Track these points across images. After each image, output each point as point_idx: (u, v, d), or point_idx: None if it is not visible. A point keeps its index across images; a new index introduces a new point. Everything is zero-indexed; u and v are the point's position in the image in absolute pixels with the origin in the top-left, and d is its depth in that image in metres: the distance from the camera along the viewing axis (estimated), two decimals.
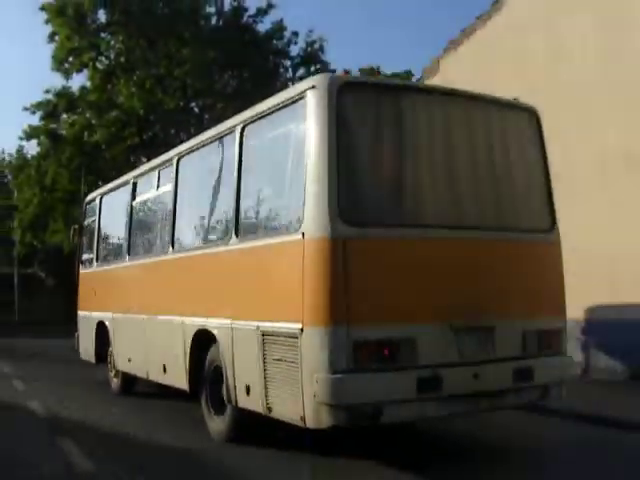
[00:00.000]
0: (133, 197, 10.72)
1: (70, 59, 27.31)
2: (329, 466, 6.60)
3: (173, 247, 8.72)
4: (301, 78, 28.76)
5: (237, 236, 6.98)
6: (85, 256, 13.35)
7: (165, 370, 8.84)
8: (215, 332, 7.31)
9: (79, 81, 56.02)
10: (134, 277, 10.43)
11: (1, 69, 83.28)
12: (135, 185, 10.77)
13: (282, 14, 51.81)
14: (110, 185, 12.75)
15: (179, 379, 8.29)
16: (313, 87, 6.03)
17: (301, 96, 6.22)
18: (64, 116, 29.42)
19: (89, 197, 13.89)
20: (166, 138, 28.75)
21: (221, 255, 7.38)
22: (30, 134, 29.63)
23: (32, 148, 38.10)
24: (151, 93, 27.04)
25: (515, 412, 8.01)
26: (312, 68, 28.67)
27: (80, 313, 13.31)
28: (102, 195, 12.83)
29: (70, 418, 9.31)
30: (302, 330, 5.68)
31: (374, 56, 79.80)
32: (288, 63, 28.63)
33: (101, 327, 11.72)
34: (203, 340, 7.61)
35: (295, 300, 5.78)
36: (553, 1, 12.57)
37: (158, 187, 9.61)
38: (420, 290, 5.98)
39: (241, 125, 7.46)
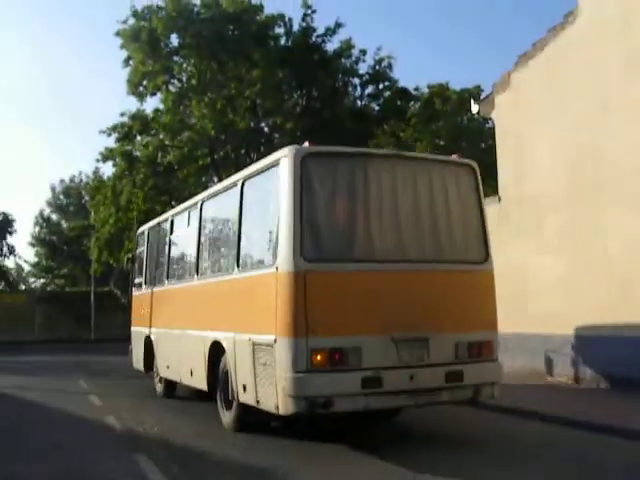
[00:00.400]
0: (171, 231, 12.75)
1: (144, 82, 28.04)
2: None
3: (198, 275, 10.70)
4: (369, 96, 28.85)
5: (238, 268, 8.94)
6: (136, 280, 15.43)
7: (192, 374, 10.72)
8: (224, 343, 9.16)
9: (153, 104, 57.63)
10: (171, 298, 12.52)
11: (80, 94, 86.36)
12: (172, 222, 12.77)
13: (350, 32, 52.20)
14: (155, 220, 14.77)
15: (201, 382, 10.22)
16: (285, 156, 7.95)
17: (277, 162, 8.13)
18: (138, 138, 30.23)
19: (139, 230, 16.04)
20: (237, 158, 29.20)
21: (227, 282, 9.34)
22: (106, 156, 30.54)
23: (108, 169, 39.09)
24: (222, 114, 27.51)
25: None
26: (380, 86, 28.65)
27: (133, 329, 15.51)
28: (149, 229, 14.88)
29: (145, 433, 9.47)
30: (275, 340, 7.54)
31: (442, 72, 79.35)
32: (356, 81, 28.68)
33: (148, 340, 13.75)
34: (217, 350, 9.44)
35: (271, 317, 7.65)
36: (629, 11, 12.18)
37: (188, 224, 11.61)
38: (366, 310, 7.68)
39: (242, 180, 9.26)
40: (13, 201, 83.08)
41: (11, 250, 44.83)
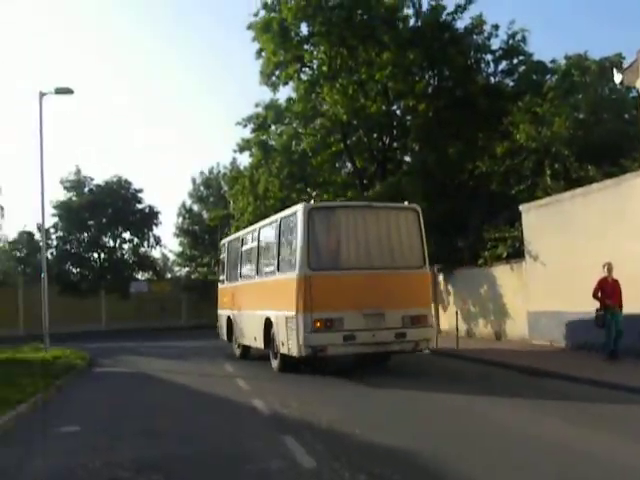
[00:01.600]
0: (242, 245, 19.05)
1: (276, 73, 28.49)
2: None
3: (257, 275, 17.12)
4: (503, 72, 27.94)
5: (279, 271, 15.13)
6: (221, 277, 22.21)
7: (255, 339, 16.92)
8: (272, 318, 15.31)
9: (285, 93, 58.69)
10: (242, 290, 18.92)
11: (217, 88, 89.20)
12: (243, 239, 19.16)
13: (481, 7, 50.79)
14: (232, 236, 21.89)
15: (261, 343, 16.34)
16: (300, 209, 14.16)
17: (296, 211, 14.42)
18: (273, 127, 30.81)
19: (222, 242, 22.85)
20: (370, 142, 29.18)
21: (273, 280, 15.60)
22: (243, 147, 31.34)
23: (245, 160, 40.01)
24: (353, 99, 27.52)
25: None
26: (514, 60, 27.67)
27: (218, 312, 22.02)
28: (228, 242, 21.54)
29: (291, 416, 9.73)
30: (296, 314, 13.58)
31: (580, 41, 75.61)
32: (489, 57, 27.82)
33: (229, 319, 20.26)
34: (268, 322, 15.57)
35: (294, 301, 13.66)
36: None
37: (252, 242, 17.96)
38: (346, 296, 13.61)
39: (279, 219, 15.64)
40: (159, 195, 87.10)
41: (157, 241, 47.03)
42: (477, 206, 24.36)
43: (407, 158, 30.13)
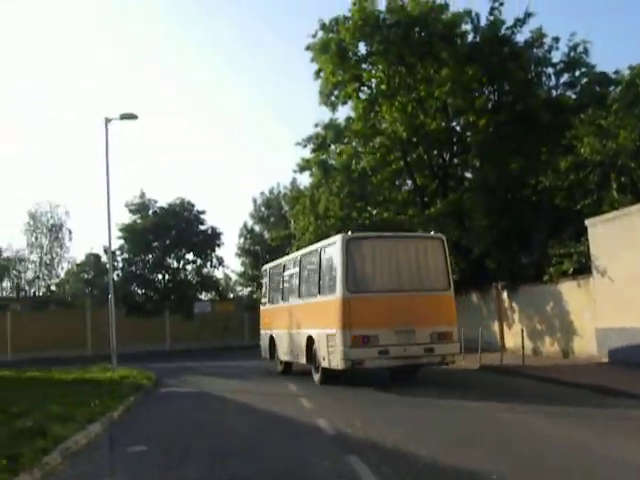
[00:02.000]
0: (283, 271, 20.90)
1: (335, 92, 28.64)
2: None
3: (300, 297, 18.80)
4: (565, 84, 27.50)
5: (320, 294, 16.94)
6: (262, 300, 24.15)
7: (298, 356, 18.57)
8: (314, 336, 16.97)
9: (344, 112, 58.93)
10: (284, 312, 20.26)
11: (279, 109, 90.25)
12: (284, 266, 20.96)
13: (541, 20, 50.18)
14: (273, 263, 23.49)
15: (303, 359, 17.98)
16: (339, 239, 16.00)
17: (335, 242, 16.30)
18: (332, 147, 30.95)
19: (263, 268, 25.21)
20: (430, 159, 29.02)
21: (314, 302, 17.38)
22: (303, 166, 31.58)
23: (305, 180, 40.03)
24: (413, 116, 27.44)
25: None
26: (576, 73, 27.22)
27: (261, 332, 23.64)
28: (269, 268, 23.58)
29: (355, 435, 9.66)
30: (337, 331, 15.35)
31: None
32: (550, 70, 27.42)
33: (271, 338, 21.82)
34: (310, 340, 17.25)
35: (334, 320, 15.50)
36: None
37: (293, 268, 19.75)
38: (380, 316, 15.24)
39: (320, 248, 17.54)
40: (220, 216, 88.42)
41: (220, 261, 47.62)
42: (541, 221, 23.94)
43: (468, 174, 29.85)
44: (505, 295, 24.66)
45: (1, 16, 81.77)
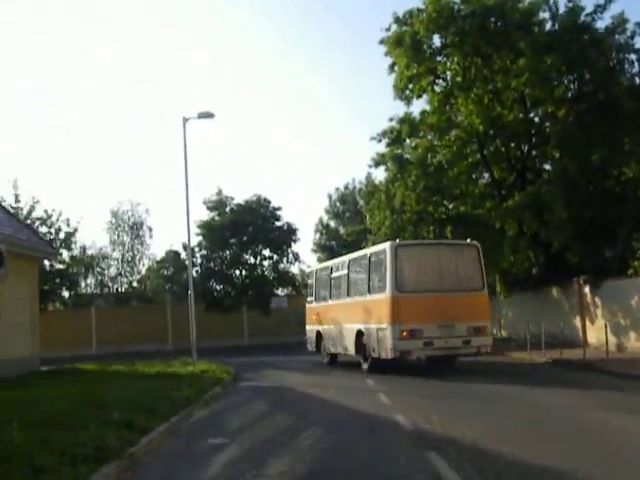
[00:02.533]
0: (331, 273, 23.20)
1: (410, 86, 28.43)
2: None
3: (349, 296, 21.04)
4: None
5: (369, 293, 19.19)
6: (308, 299, 26.32)
7: (347, 349, 20.80)
8: (363, 330, 19.13)
9: (419, 105, 58.43)
10: (332, 309, 22.66)
11: (354, 104, 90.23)
12: (332, 268, 23.39)
13: (623, 5, 48.52)
14: (320, 265, 27.41)
15: (352, 350, 20.18)
16: (388, 246, 18.41)
17: (384, 248, 18.67)
18: (407, 141, 30.71)
19: (310, 270, 28.84)
20: (507, 152, 28.49)
21: (365, 300, 19.43)
22: (378, 161, 31.41)
23: (379, 174, 39.88)
24: (489, 108, 27.01)
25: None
26: None
27: (307, 327, 25.87)
28: (316, 270, 26.36)
29: (434, 431, 9.58)
30: (387, 326, 17.66)
31: None
32: (633, 57, 26.50)
33: (318, 333, 24.03)
34: (360, 333, 19.40)
35: (385, 316, 17.83)
36: None
37: (341, 270, 22.11)
38: (425, 312, 17.55)
39: (369, 254, 19.80)
40: (296, 213, 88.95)
41: (296, 257, 47.96)
42: (625, 214, 23.18)
43: (547, 166, 29.17)
44: (587, 289, 24.02)
45: (90, 15, 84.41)
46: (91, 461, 7.60)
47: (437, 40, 27.62)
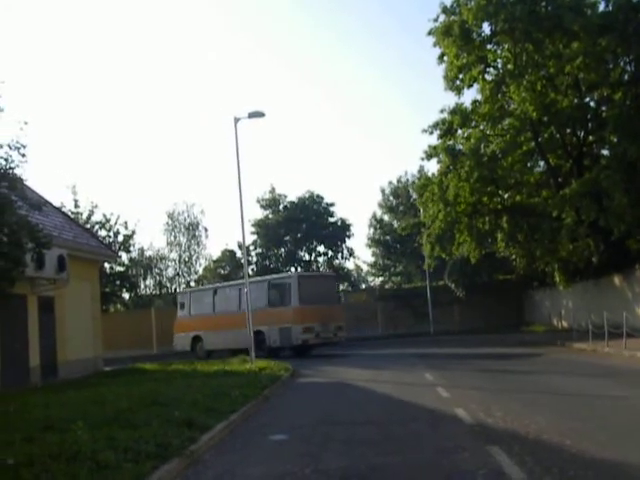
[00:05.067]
0: (215, 294, 32.94)
1: (460, 76, 28.14)
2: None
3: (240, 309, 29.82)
4: None
5: (269, 305, 28.92)
6: (181, 313, 33.14)
7: (238, 345, 27.87)
8: (264, 330, 27.71)
9: (470, 95, 57.78)
10: (216, 319, 31.95)
11: (406, 98, 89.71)
12: (215, 290, 33.79)
13: None
14: (194, 289, 39.32)
15: (243, 345, 24.95)
16: (292, 275, 31.77)
17: (290, 277, 30.72)
18: (460, 132, 30.39)
19: (180, 291, 37.17)
20: (563, 138, 27.95)
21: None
22: (430, 153, 31.17)
23: (432, 167, 39.29)
24: (542, 94, 26.56)
25: None
26: None
27: (179, 334, 32.41)
28: (190, 292, 34.75)
29: (495, 425, 9.43)
30: (292, 325, 27.66)
31: None
32: None
33: (196, 337, 31.63)
34: (258, 332, 26.86)
35: (290, 318, 27.64)
36: None
37: (232, 291, 32.14)
38: (315, 316, 27.63)
39: (267, 282, 30.09)
40: (350, 208, 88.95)
41: (350, 252, 48.07)
42: None
43: (605, 151, 28.55)
44: None
45: (148, 15, 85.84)
46: (153, 458, 7.71)
47: (486, 28, 27.44)
